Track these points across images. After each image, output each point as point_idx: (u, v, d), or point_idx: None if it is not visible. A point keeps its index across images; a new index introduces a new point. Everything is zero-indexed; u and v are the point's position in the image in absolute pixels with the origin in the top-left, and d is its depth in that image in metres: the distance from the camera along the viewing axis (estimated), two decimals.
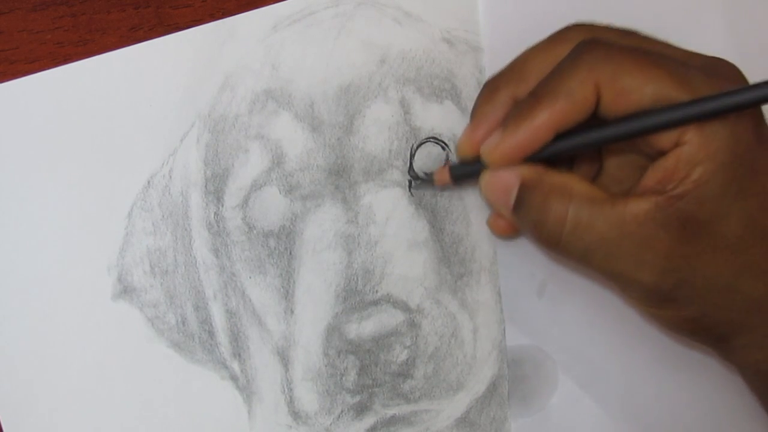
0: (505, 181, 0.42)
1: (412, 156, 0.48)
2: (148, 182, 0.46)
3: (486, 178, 0.43)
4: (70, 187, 0.45)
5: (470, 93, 0.49)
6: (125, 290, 0.46)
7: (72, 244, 0.45)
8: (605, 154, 0.46)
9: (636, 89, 0.40)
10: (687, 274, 0.41)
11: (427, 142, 0.48)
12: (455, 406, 0.50)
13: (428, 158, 0.48)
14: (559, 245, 0.42)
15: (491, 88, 0.44)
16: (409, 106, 0.48)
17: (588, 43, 0.41)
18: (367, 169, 0.47)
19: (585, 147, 0.42)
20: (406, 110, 0.48)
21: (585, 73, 0.40)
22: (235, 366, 0.47)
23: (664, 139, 0.40)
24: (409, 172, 0.48)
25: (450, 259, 0.49)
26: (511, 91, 0.43)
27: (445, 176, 0.46)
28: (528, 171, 0.42)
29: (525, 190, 0.42)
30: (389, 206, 0.48)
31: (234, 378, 0.47)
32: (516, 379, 0.51)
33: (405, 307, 0.48)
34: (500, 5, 0.49)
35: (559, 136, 0.41)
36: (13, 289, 0.45)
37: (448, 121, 0.49)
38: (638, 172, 0.43)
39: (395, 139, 0.48)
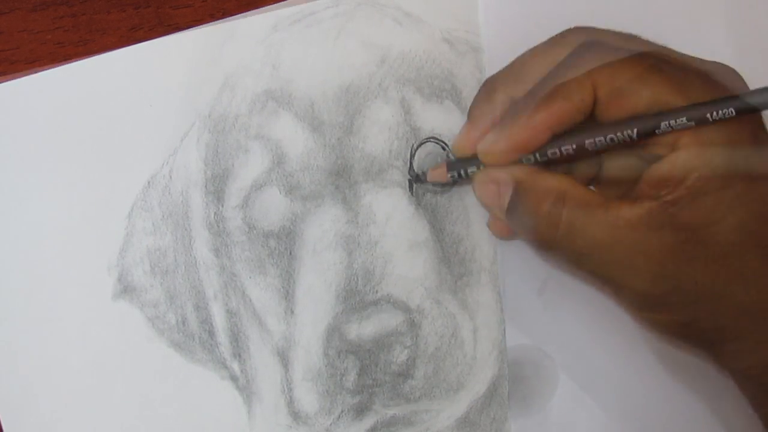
0: (499, 182, 0.42)
1: (412, 156, 0.48)
2: (149, 182, 0.46)
3: (479, 178, 0.43)
4: (71, 187, 0.45)
5: (470, 93, 0.49)
6: (125, 290, 0.46)
7: (72, 244, 0.45)
8: (605, 155, 0.46)
9: (633, 93, 0.40)
10: (679, 280, 0.41)
11: (427, 142, 0.48)
12: (455, 406, 0.50)
13: (428, 158, 0.48)
14: (552, 249, 0.42)
15: (489, 88, 0.44)
16: (409, 107, 0.48)
17: (587, 45, 0.41)
18: (368, 170, 0.47)
19: (580, 154, 0.42)
20: (407, 110, 0.48)
21: (583, 75, 0.40)
22: (235, 366, 0.47)
23: (660, 143, 0.40)
24: (409, 172, 0.48)
25: (450, 260, 0.49)
26: (509, 91, 0.43)
27: (442, 173, 0.45)
28: (521, 172, 0.42)
29: (518, 192, 0.42)
30: (389, 206, 0.48)
31: (234, 378, 0.47)
32: (516, 379, 0.51)
33: (405, 308, 0.48)
34: (500, 6, 0.49)
35: (557, 137, 0.41)
36: (13, 288, 0.45)
37: (448, 121, 0.49)
38: (638, 174, 0.43)
39: (395, 140, 0.48)
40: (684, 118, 0.39)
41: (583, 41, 0.42)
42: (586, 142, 0.41)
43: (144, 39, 0.45)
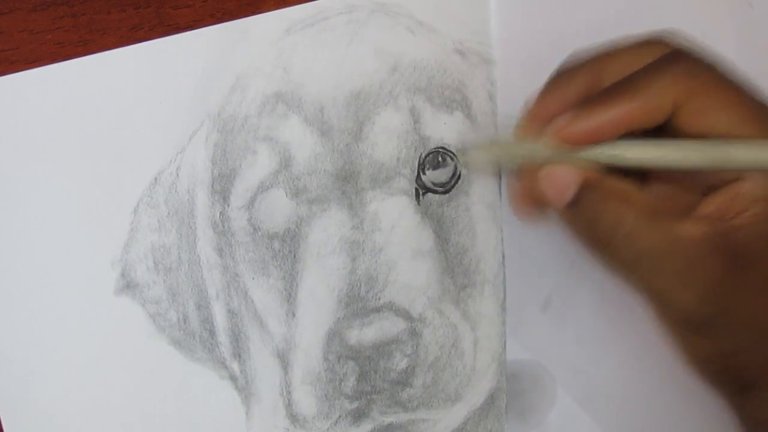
0: (566, 175, 0.42)
1: (420, 165, 0.48)
2: (156, 179, 0.46)
3: (547, 169, 0.42)
4: (78, 181, 0.45)
5: (481, 104, 0.49)
6: (128, 285, 0.45)
7: (77, 238, 0.45)
8: (651, 181, 0.46)
9: (713, 113, 0.39)
10: (729, 305, 0.41)
11: (435, 152, 0.48)
12: (452, 417, 0.49)
13: (436, 168, 0.48)
14: (608, 249, 0.41)
15: (567, 73, 0.43)
16: (419, 115, 0.48)
17: (680, 53, 0.41)
18: (375, 176, 0.47)
19: (652, 165, 0.41)
20: (416, 119, 0.48)
21: (669, 81, 0.40)
22: (235, 366, 0.47)
23: (729, 171, 0.40)
24: (416, 181, 0.48)
25: (454, 270, 0.49)
26: (587, 80, 0.42)
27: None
28: (590, 169, 0.41)
29: (586, 187, 0.41)
30: (395, 214, 0.48)
31: (233, 378, 0.47)
32: (515, 393, 0.51)
33: (407, 316, 0.48)
34: (513, 18, 0.49)
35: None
36: (16, 281, 0.44)
37: (457, 131, 0.49)
38: (680, 207, 0.42)
39: (404, 148, 0.48)
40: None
41: (673, 50, 0.42)
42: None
43: (144, 39, 0.45)
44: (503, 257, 0.50)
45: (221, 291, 0.47)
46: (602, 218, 0.41)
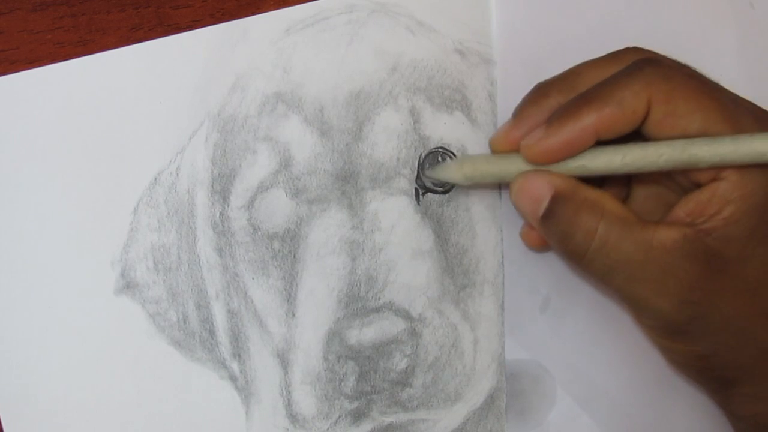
0: (538, 188, 0.42)
1: (420, 165, 0.48)
2: (155, 179, 0.46)
3: (518, 183, 0.42)
4: (78, 181, 0.45)
5: (481, 104, 0.49)
6: (128, 285, 0.45)
7: (77, 238, 0.45)
8: (634, 183, 0.46)
9: (686, 115, 0.40)
10: (705, 309, 0.41)
11: (435, 151, 0.48)
12: (452, 417, 0.49)
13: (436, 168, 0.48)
14: (583, 260, 0.42)
15: (540, 92, 0.44)
16: (418, 115, 0.48)
17: (648, 60, 0.41)
18: (375, 176, 0.47)
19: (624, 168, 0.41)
20: (416, 119, 0.48)
21: (640, 86, 0.40)
22: (235, 366, 0.47)
23: (704, 172, 0.40)
24: (416, 181, 0.48)
25: (454, 270, 0.49)
26: (560, 98, 0.43)
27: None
28: (562, 181, 0.41)
29: (557, 200, 0.41)
30: (395, 214, 0.48)
31: (233, 378, 0.47)
32: (514, 393, 0.51)
33: (407, 316, 0.48)
34: (514, 18, 0.49)
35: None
36: (16, 281, 0.44)
37: (457, 131, 0.49)
38: (664, 207, 0.43)
39: (403, 148, 0.48)
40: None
41: (643, 57, 0.42)
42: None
43: (144, 39, 0.45)
44: (503, 257, 0.50)
45: (221, 291, 0.46)
46: (575, 231, 0.41)
